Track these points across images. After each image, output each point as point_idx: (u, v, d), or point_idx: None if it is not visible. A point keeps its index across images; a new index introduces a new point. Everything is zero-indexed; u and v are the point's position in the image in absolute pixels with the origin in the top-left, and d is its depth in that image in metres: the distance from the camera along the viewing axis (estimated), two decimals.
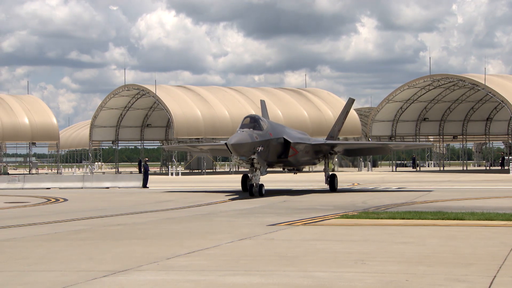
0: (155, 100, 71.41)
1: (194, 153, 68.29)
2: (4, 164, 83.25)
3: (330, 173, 36.04)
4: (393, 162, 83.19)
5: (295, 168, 36.85)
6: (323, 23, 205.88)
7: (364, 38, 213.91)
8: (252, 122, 30.58)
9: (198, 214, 22.45)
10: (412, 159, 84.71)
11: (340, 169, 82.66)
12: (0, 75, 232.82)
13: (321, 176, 38.67)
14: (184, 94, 73.15)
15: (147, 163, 44.93)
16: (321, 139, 38.50)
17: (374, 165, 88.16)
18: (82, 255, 13.06)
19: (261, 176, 31.07)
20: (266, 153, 31.01)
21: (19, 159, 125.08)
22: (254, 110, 72.41)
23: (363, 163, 78.54)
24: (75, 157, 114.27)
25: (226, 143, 30.06)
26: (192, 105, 70.57)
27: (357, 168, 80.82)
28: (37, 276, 10.91)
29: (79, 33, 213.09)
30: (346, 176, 59.06)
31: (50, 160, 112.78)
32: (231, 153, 30.02)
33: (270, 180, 47.75)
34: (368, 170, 75.69)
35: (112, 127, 79.55)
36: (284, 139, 32.83)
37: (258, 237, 15.57)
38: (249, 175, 31.28)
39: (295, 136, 34.71)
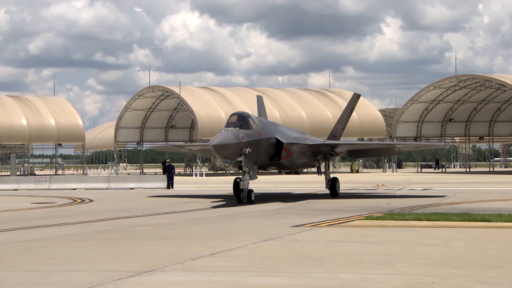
0: (180, 101, 71.73)
1: (184, 153, 66.28)
2: (31, 165, 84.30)
3: (331, 176, 32.57)
4: (418, 163, 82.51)
5: (293, 171, 33.26)
6: (347, 23, 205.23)
7: (388, 39, 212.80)
8: (239, 120, 27.55)
9: (222, 215, 22.50)
10: (436, 160, 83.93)
11: (364, 170, 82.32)
12: (27, 77, 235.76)
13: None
14: (208, 95, 73.36)
15: (171, 164, 45.10)
16: (320, 139, 34.58)
17: (399, 166, 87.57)
18: (108, 255, 13.17)
19: (251, 180, 27.78)
20: (255, 155, 27.83)
21: (45, 160, 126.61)
22: (278, 111, 72.45)
23: (387, 164, 78.11)
24: (100, 158, 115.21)
25: (209, 144, 26.95)
26: (216, 106, 70.76)
27: (381, 169, 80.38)
28: (64, 276, 11.02)
29: (104, 35, 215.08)
30: (370, 177, 58.75)
31: (76, 161, 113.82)
32: (215, 155, 27.03)
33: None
34: (392, 171, 75.23)
35: (137, 128, 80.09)
36: (277, 139, 29.51)
37: (283, 238, 15.55)
38: (236, 179, 28.38)
39: (289, 135, 31.06)
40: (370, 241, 15.08)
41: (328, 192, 32.12)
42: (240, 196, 27.28)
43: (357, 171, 77.66)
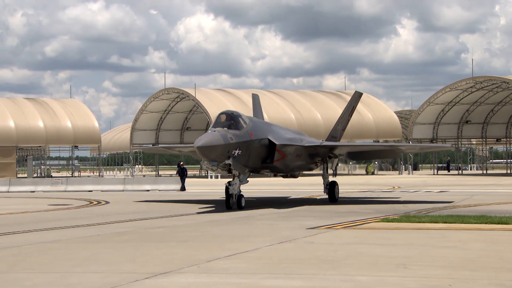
0: (195, 103, 71.90)
1: (174, 155, 64.50)
2: (48, 167, 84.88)
3: (330, 180, 30.34)
4: (435, 165, 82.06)
5: (288, 174, 30.98)
6: (362, 25, 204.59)
7: (404, 40, 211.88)
8: (228, 119, 25.79)
9: (237, 217, 22.52)
10: (446, 162, 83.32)
11: (380, 172, 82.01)
12: (44, 79, 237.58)
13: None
14: (224, 97, 73.49)
15: (184, 166, 45.06)
16: (318, 140, 31.97)
17: (415, 168, 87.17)
18: (124, 257, 13.23)
19: (241, 185, 25.88)
20: (245, 157, 25.89)
21: (62, 162, 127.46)
22: (293, 113, 72.42)
23: (403, 166, 77.81)
24: (116, 160, 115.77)
25: (193, 146, 25.03)
26: (231, 108, 70.80)
27: (397, 172, 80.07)
28: (81, 277, 11.09)
29: (120, 37, 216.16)
30: (386, 180, 58.51)
31: (92, 163, 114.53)
32: (200, 157, 25.37)
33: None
34: (409, 173, 74.90)
35: (152, 130, 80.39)
36: (269, 140, 27.51)
37: (298, 240, 15.53)
38: (226, 184, 26.15)
39: (283, 136, 28.85)
40: (386, 243, 15.02)
41: (327, 196, 30.07)
42: (229, 202, 25.35)
43: (373, 173, 77.43)
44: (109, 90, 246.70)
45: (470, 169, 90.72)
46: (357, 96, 35.07)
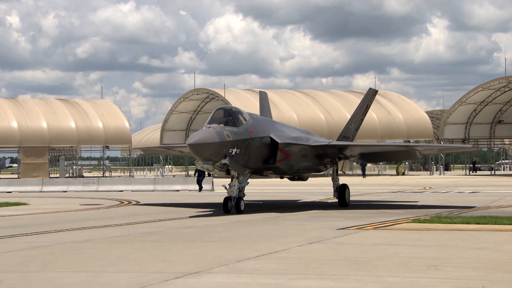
0: (224, 103, 72.08)
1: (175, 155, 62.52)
2: (79, 167, 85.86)
3: (340, 183, 27.98)
4: (467, 165, 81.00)
5: (294, 176, 28.70)
6: (392, 24, 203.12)
7: (435, 39, 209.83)
8: (226, 115, 23.74)
9: (267, 217, 22.48)
10: (472, 162, 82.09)
11: (410, 173, 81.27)
12: (75, 80, 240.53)
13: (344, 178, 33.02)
14: (253, 98, 73.49)
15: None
16: (326, 140, 29.28)
17: (446, 168, 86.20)
18: (154, 256, 13.30)
19: (240, 186, 24.13)
20: (245, 156, 23.93)
21: (93, 162, 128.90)
22: (323, 113, 72.16)
23: (435, 166, 77.01)
24: (146, 160, 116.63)
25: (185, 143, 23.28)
26: None
27: (428, 172, 79.28)
28: (112, 277, 11.17)
29: (150, 38, 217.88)
30: (417, 180, 57.95)
31: (123, 163, 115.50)
32: (193, 156, 23.53)
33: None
34: (440, 174, 74.11)
35: (182, 130, 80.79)
36: (271, 138, 25.32)
37: (328, 241, 15.45)
38: (224, 185, 24.71)
39: (287, 135, 26.50)
40: (418, 244, 14.86)
41: (336, 200, 27.71)
42: (228, 205, 23.58)
43: (403, 174, 76.78)
44: (139, 91, 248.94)
45: (503, 170, 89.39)
46: (371, 94, 32.68)
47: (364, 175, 67.36)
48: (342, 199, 27.34)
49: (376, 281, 10.43)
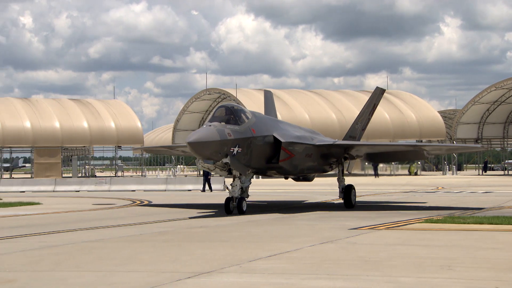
0: (236, 103, 72.09)
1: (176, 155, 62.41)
2: (92, 166, 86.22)
3: (346, 184, 27.39)
4: (480, 165, 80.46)
5: (299, 176, 28.24)
6: (404, 24, 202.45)
7: (447, 39, 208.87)
8: (227, 113, 23.23)
9: (279, 217, 22.45)
10: (484, 162, 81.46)
11: (423, 173, 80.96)
12: (87, 80, 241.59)
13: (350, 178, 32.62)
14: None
15: None
16: (331, 139, 28.41)
17: (459, 168, 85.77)
18: (166, 256, 13.31)
19: (243, 186, 23.60)
20: (247, 156, 23.45)
21: (105, 162, 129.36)
22: (335, 113, 72.00)
23: (447, 166, 76.66)
24: (158, 160, 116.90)
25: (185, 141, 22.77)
26: None
27: (441, 172, 78.91)
28: (123, 276, 11.19)
29: (161, 38, 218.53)
30: (429, 180, 57.71)
31: (135, 163, 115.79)
32: (193, 155, 23.25)
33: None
34: (452, 174, 73.77)
35: (194, 130, 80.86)
36: (274, 137, 24.77)
37: (340, 241, 15.40)
38: (226, 185, 24.29)
39: (291, 134, 25.90)
40: (430, 244, 14.78)
41: (342, 201, 27.21)
42: (229, 206, 23.10)
43: (416, 174, 76.48)
44: (151, 91, 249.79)
45: None
46: (379, 93, 31.64)
47: (376, 175, 67.15)
48: (347, 200, 26.83)
49: (388, 281, 10.38)
